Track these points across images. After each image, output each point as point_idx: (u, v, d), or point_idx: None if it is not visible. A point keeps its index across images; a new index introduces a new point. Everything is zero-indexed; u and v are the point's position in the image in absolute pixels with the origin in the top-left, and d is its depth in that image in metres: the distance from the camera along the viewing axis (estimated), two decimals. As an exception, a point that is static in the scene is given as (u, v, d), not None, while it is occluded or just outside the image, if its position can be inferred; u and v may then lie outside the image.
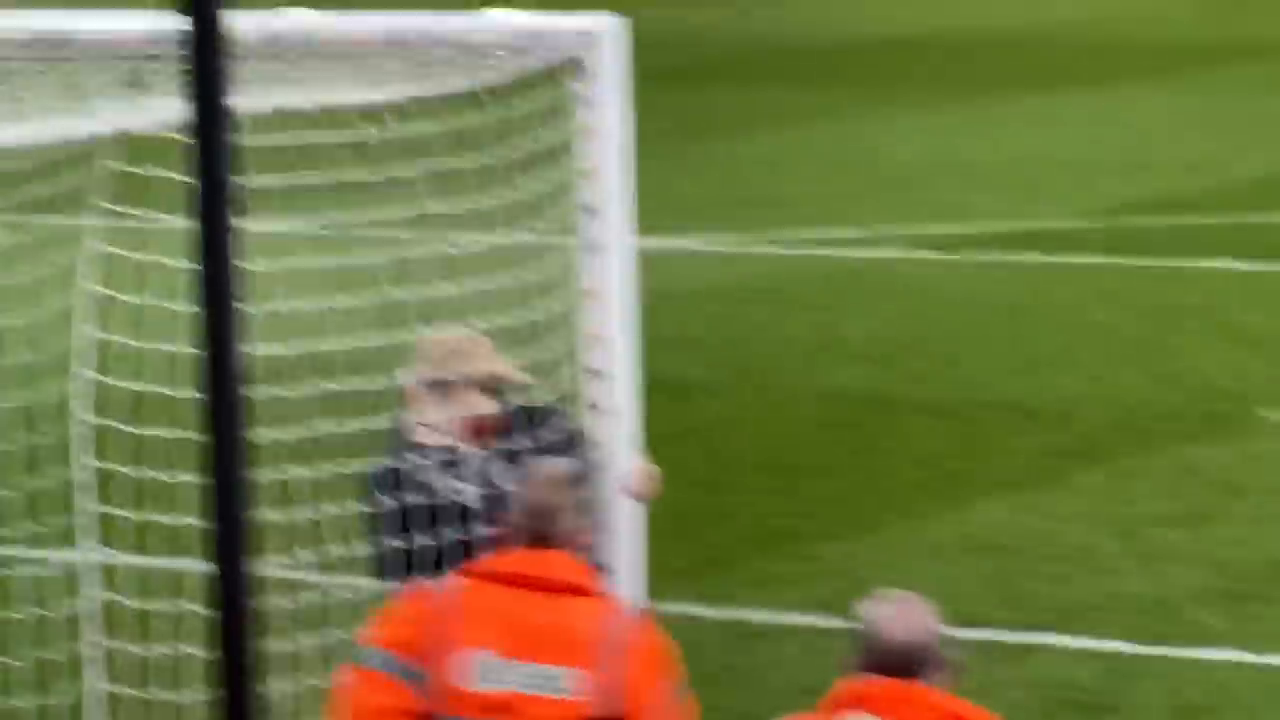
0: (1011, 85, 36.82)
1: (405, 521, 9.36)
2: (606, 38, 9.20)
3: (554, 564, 8.26)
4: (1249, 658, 13.56)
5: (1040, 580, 14.92)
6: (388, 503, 9.39)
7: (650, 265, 10.05)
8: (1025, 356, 20.43)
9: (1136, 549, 15.40)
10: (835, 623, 13.31)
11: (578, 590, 8.29)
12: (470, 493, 9.50)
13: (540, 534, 8.24)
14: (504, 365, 9.63)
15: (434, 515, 9.37)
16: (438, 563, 9.01)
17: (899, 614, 7.99)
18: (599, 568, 8.96)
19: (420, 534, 9.36)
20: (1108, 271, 23.72)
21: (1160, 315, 21.76)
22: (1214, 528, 15.91)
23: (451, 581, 8.41)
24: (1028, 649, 13.77)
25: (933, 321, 21.78)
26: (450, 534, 9.40)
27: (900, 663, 7.92)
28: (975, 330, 21.48)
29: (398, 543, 9.35)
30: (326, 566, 10.19)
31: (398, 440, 9.60)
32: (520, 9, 9.51)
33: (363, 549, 9.74)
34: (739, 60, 40.11)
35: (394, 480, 9.42)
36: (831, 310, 22.38)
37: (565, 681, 8.12)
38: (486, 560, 8.47)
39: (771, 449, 17.93)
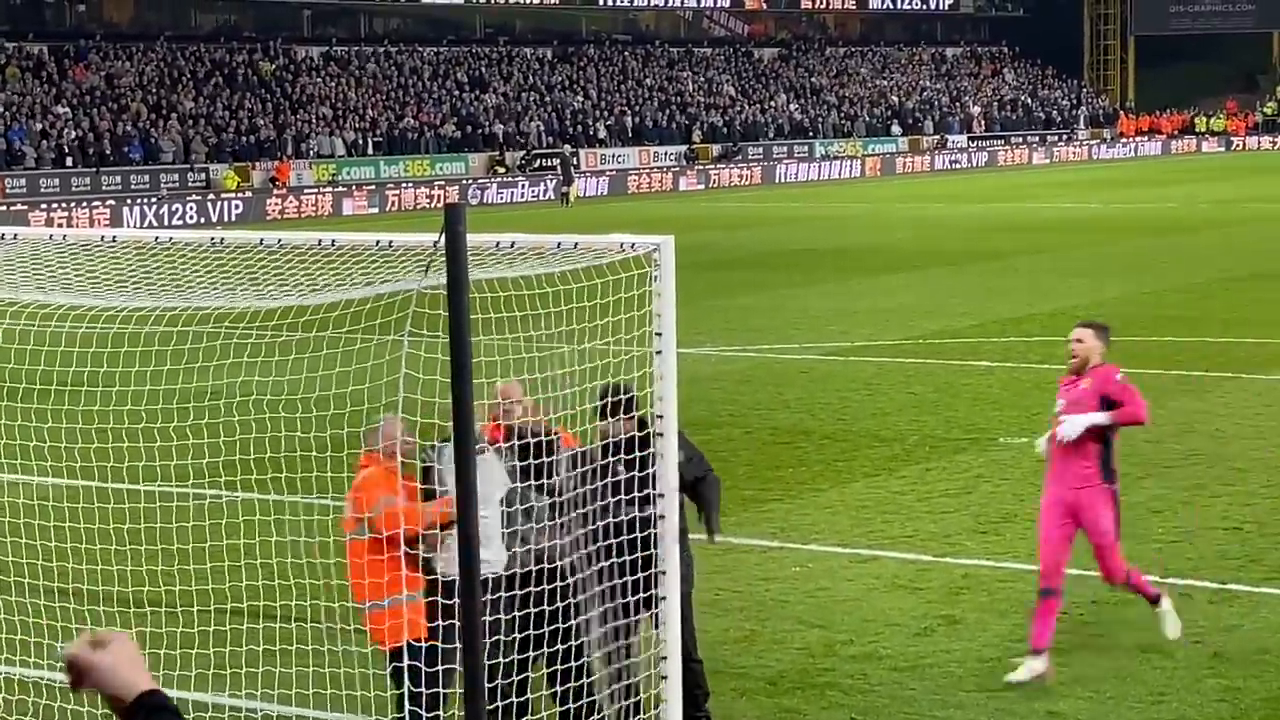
0: (865, 272, 39.52)
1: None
2: (665, 246, 9.91)
3: None
4: (988, 563, 15.01)
5: (883, 523, 16.27)
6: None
7: (685, 360, 11.25)
8: (877, 409, 22.23)
9: (929, 507, 17.00)
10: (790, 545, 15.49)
11: None
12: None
13: None
14: (522, 403, 10.60)
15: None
16: None
17: None
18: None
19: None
20: (918, 367, 25.71)
21: (946, 389, 23.69)
22: (969, 496, 17.48)
23: None
24: (876, 558, 15.07)
25: (831, 391, 23.57)
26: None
27: None
28: (851, 396, 23.29)
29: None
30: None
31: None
32: (630, 234, 10.09)
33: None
34: (735, 258, 42.17)
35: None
36: (783, 385, 24.14)
37: None
38: None
39: (748, 456, 19.13)
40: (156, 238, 11.49)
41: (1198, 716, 11.38)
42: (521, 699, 10.35)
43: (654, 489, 10.42)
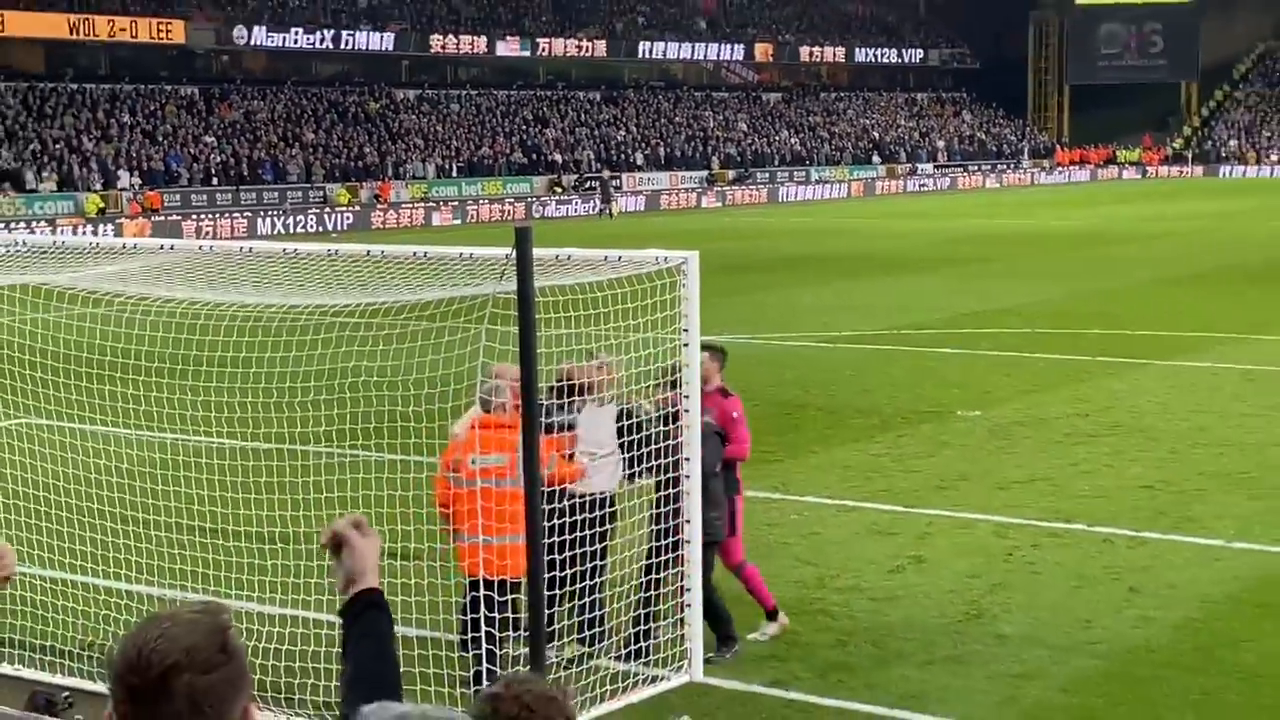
0: (851, 276, 40.10)
1: None
2: (691, 260, 10.29)
3: None
4: (947, 513, 14.63)
5: (864, 480, 16.08)
6: None
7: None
8: (860, 387, 21.97)
9: (901, 467, 16.86)
10: (789, 497, 15.44)
11: None
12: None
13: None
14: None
15: None
16: None
17: None
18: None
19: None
20: (895, 353, 25.50)
21: (916, 371, 23.48)
22: (934, 459, 17.30)
23: None
24: (858, 508, 14.93)
25: (822, 372, 23.35)
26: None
27: None
28: (839, 376, 23.07)
29: None
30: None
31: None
32: (659, 247, 10.59)
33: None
34: (747, 264, 42.36)
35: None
36: (784, 367, 23.74)
37: None
38: None
39: (755, 424, 19.04)
40: (284, 249, 11.49)
41: (1117, 639, 11.33)
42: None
43: (681, 454, 10.54)
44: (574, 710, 2.95)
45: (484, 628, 9.60)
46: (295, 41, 77.02)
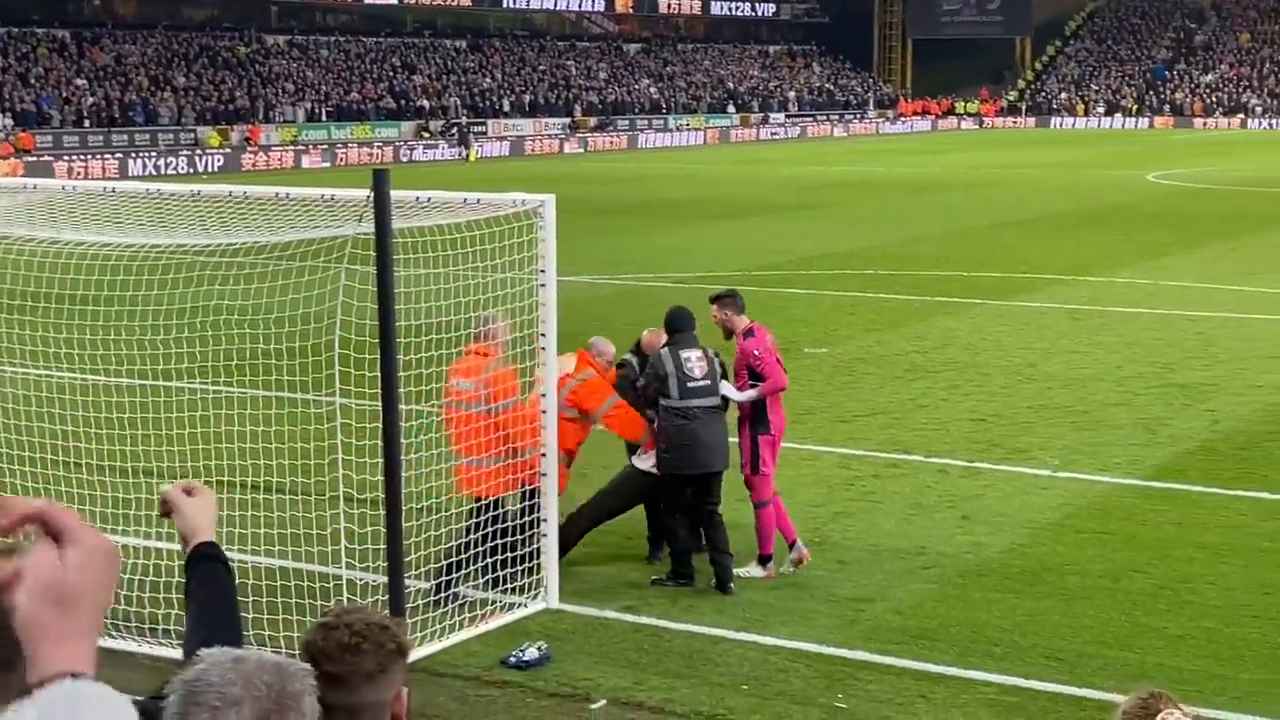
0: (705, 219, 40.09)
1: None
2: (548, 203, 10.10)
3: None
4: (795, 445, 14.22)
5: None
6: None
7: (565, 287, 10.90)
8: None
9: None
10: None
11: None
12: None
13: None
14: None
15: None
16: None
17: None
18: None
19: None
20: (746, 293, 25.24)
21: (764, 310, 21.58)
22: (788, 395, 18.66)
23: None
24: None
25: None
26: None
27: None
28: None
29: None
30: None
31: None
32: (521, 191, 10.39)
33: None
34: (606, 207, 42.54)
35: None
36: (635, 305, 23.09)
37: None
38: None
39: None
40: (148, 189, 11.20)
41: (951, 563, 11.45)
42: None
43: (542, 391, 10.39)
44: (405, 638, 2.89)
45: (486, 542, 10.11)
46: (166, -14, 75.04)
